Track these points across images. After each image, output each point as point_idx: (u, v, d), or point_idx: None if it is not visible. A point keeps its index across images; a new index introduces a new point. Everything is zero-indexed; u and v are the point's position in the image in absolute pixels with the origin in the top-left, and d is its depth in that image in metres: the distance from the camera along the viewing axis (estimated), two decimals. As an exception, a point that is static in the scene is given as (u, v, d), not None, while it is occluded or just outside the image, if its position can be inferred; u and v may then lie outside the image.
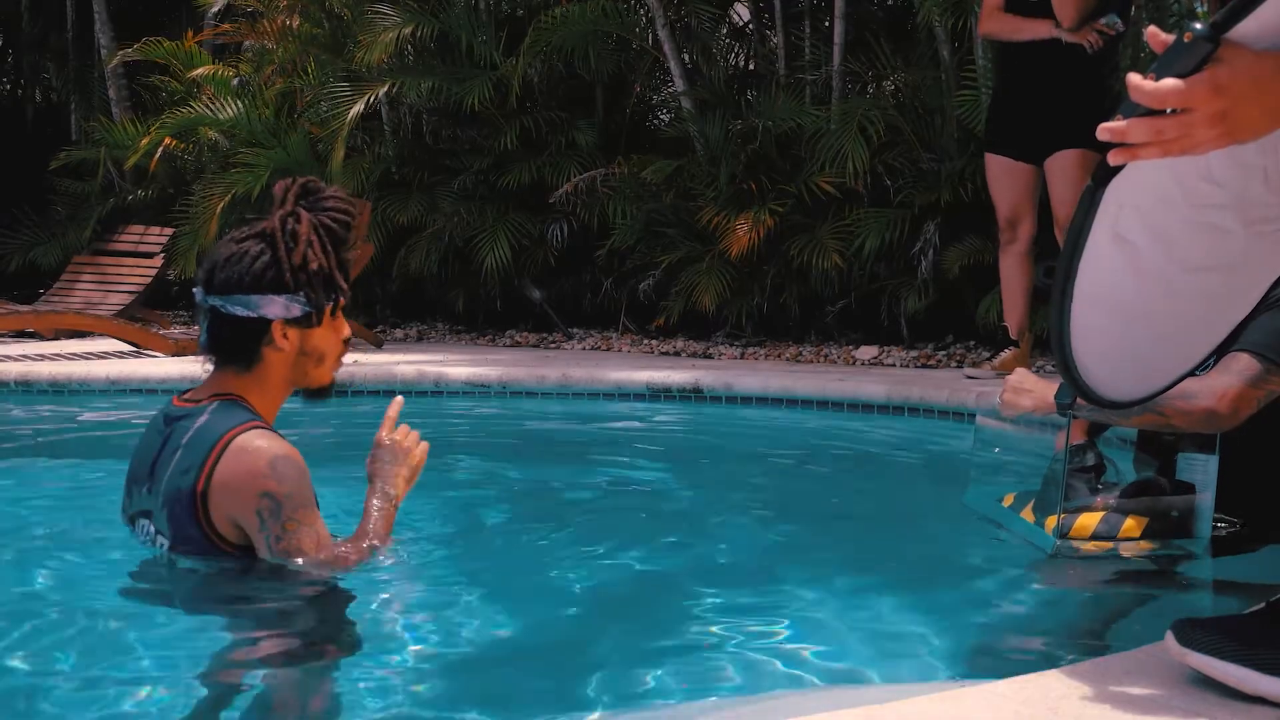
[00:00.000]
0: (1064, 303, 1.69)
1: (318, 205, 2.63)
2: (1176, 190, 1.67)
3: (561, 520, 3.50)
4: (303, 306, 2.59)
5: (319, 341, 2.65)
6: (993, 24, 5.89)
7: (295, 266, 2.56)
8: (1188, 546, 2.77)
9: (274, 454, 2.51)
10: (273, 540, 2.49)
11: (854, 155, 7.23)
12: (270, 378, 2.66)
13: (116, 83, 11.42)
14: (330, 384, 2.74)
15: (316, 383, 2.71)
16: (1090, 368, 1.78)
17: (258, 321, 2.59)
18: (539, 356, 7.63)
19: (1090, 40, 5.56)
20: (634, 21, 8.89)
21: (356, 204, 2.70)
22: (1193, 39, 1.42)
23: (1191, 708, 1.66)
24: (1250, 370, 2.43)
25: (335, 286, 2.61)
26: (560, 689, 2.13)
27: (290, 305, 2.59)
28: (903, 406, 5.57)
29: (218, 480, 2.50)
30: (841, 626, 2.46)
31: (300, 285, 2.57)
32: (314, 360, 2.67)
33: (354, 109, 8.44)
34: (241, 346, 2.62)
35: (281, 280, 2.56)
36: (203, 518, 2.52)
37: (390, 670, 2.20)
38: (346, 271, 2.66)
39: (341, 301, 2.68)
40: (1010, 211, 5.93)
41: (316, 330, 2.64)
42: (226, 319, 2.60)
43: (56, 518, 3.30)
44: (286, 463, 2.51)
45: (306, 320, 2.61)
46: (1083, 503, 2.84)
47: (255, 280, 2.56)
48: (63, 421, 5.72)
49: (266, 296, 2.57)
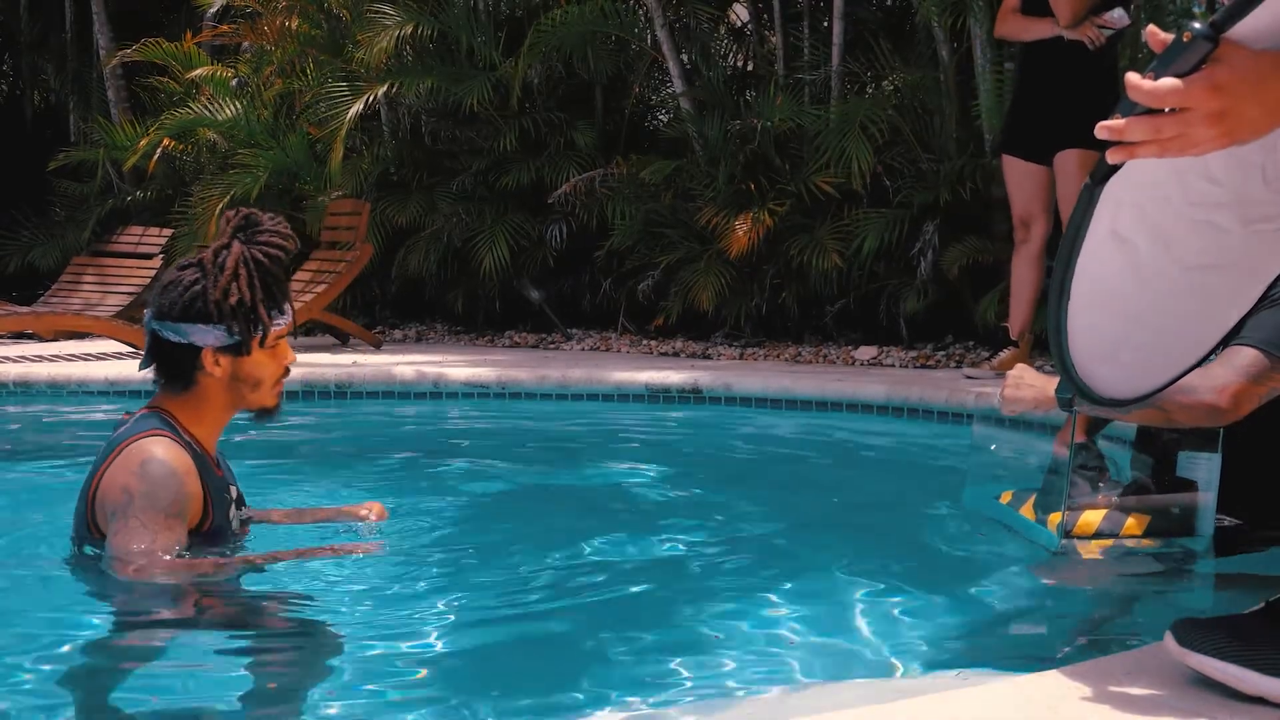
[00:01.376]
0: (1062, 301, 1.69)
1: (253, 238, 2.67)
2: (1175, 189, 1.67)
3: (560, 520, 3.50)
4: (231, 337, 2.64)
5: (252, 369, 2.70)
6: (1004, 26, 5.95)
7: (218, 300, 2.61)
8: (1190, 545, 2.77)
9: (151, 457, 2.56)
10: (111, 534, 2.53)
11: (858, 156, 7.23)
12: (205, 400, 2.71)
13: (115, 84, 11.42)
14: (274, 407, 2.78)
15: (256, 405, 2.76)
16: (1088, 366, 1.78)
17: (189, 348, 2.65)
18: (538, 357, 7.63)
19: (1090, 35, 5.57)
20: (633, 22, 8.89)
21: (293, 237, 2.73)
22: (1191, 38, 1.42)
23: (1191, 708, 1.66)
24: (1255, 365, 2.42)
25: (256, 318, 2.64)
26: (559, 688, 2.12)
27: (220, 335, 2.63)
28: (902, 407, 5.57)
29: (104, 482, 2.58)
30: (841, 626, 2.46)
31: (224, 317, 2.62)
32: (249, 386, 2.71)
33: (353, 109, 8.44)
34: (177, 370, 2.69)
35: (206, 311, 2.62)
36: (90, 519, 2.60)
37: (389, 669, 2.20)
38: (278, 301, 2.69)
39: (283, 329, 2.71)
40: (1023, 211, 5.96)
41: (249, 358, 2.68)
42: (162, 343, 2.67)
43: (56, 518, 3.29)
44: (161, 467, 2.55)
45: (237, 349, 2.66)
46: (1085, 500, 2.84)
47: (185, 309, 2.63)
48: (62, 422, 5.72)
49: (195, 325, 2.63)
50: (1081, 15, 5.60)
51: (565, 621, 2.53)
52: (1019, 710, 1.68)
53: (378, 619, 2.48)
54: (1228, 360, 2.43)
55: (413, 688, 2.13)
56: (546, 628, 2.47)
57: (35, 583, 2.71)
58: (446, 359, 7.23)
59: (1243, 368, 2.42)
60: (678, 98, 8.49)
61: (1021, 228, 6.00)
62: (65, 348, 8.07)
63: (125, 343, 7.83)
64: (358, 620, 2.47)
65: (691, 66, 8.59)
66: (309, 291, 8.10)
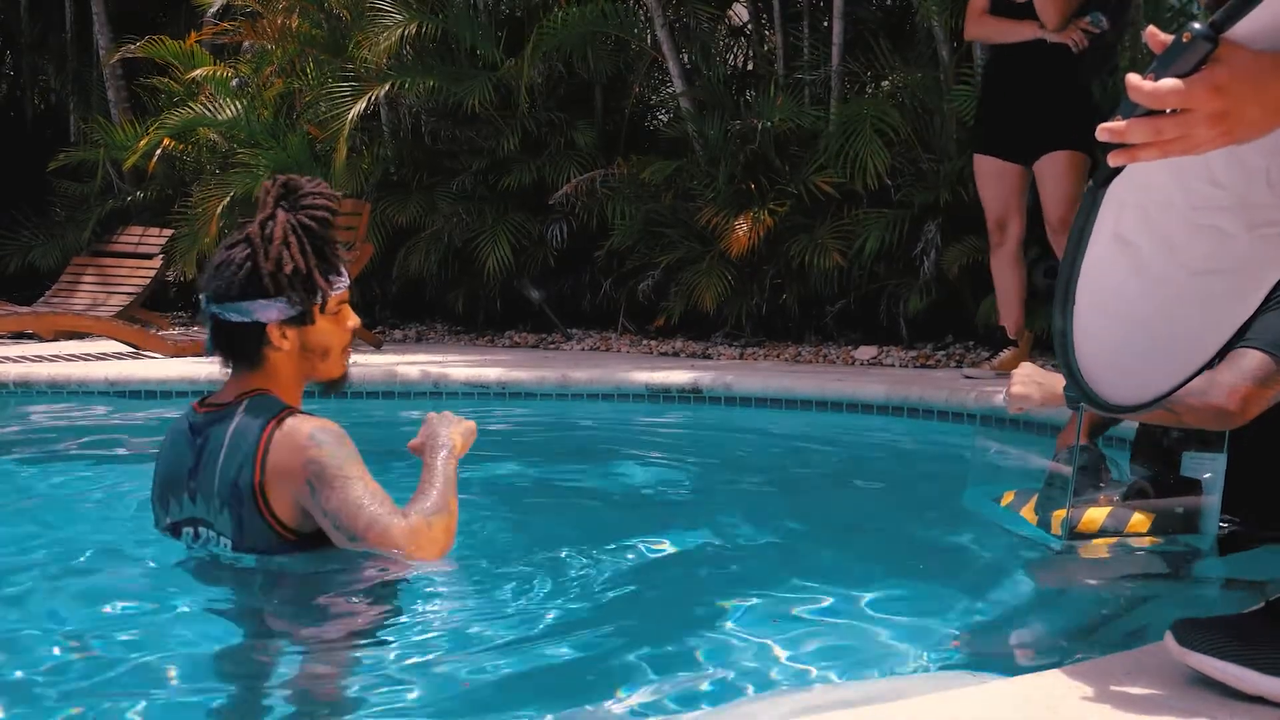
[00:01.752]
0: (1067, 305, 1.69)
1: (296, 204, 2.65)
2: (1178, 192, 1.67)
3: (560, 521, 3.50)
4: (294, 307, 2.63)
5: (320, 337, 2.69)
6: (979, 27, 5.94)
7: (272, 271, 2.60)
8: (1194, 544, 2.76)
9: (311, 427, 2.58)
10: (324, 503, 2.53)
11: (872, 157, 7.22)
12: (280, 375, 2.70)
13: (115, 84, 11.42)
14: (342, 376, 2.78)
15: (326, 376, 2.76)
16: (1093, 370, 1.78)
17: (254, 326, 2.64)
18: (538, 357, 7.63)
19: (1074, 39, 5.60)
20: (633, 22, 8.89)
21: (337, 197, 2.73)
22: (1192, 39, 1.42)
23: (1191, 708, 1.66)
24: (1263, 369, 2.42)
25: (314, 285, 2.63)
26: (557, 688, 2.13)
27: (282, 307, 2.63)
28: (902, 407, 5.57)
29: (271, 469, 2.56)
30: (841, 625, 2.46)
31: (281, 289, 2.61)
32: (319, 355, 2.71)
33: (355, 108, 8.44)
34: (244, 350, 2.67)
35: (262, 285, 2.60)
36: (265, 510, 2.57)
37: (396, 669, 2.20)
38: (333, 264, 2.68)
39: (343, 295, 2.71)
40: (999, 212, 5.97)
41: (315, 326, 2.68)
42: (225, 325, 2.65)
43: (56, 518, 3.30)
44: (323, 431, 2.58)
45: (301, 319, 2.65)
46: (1088, 498, 2.84)
47: (242, 288, 2.61)
48: (61, 423, 5.72)
49: (256, 302, 2.61)
50: (1068, 19, 5.62)
51: (564, 621, 2.53)
52: (1019, 710, 1.68)
53: (381, 618, 2.48)
54: (1235, 363, 2.43)
55: (412, 687, 2.13)
56: (545, 627, 2.47)
57: (35, 582, 2.71)
58: (447, 359, 7.24)
59: (1250, 371, 2.42)
60: (677, 97, 8.49)
61: (997, 230, 6.00)
62: (65, 348, 8.07)
63: (125, 343, 7.84)
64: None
65: (691, 66, 8.59)
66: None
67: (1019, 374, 2.90)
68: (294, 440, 2.56)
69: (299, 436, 2.56)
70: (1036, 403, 2.85)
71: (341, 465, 2.55)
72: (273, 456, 2.56)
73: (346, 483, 2.54)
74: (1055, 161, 5.73)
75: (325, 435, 2.57)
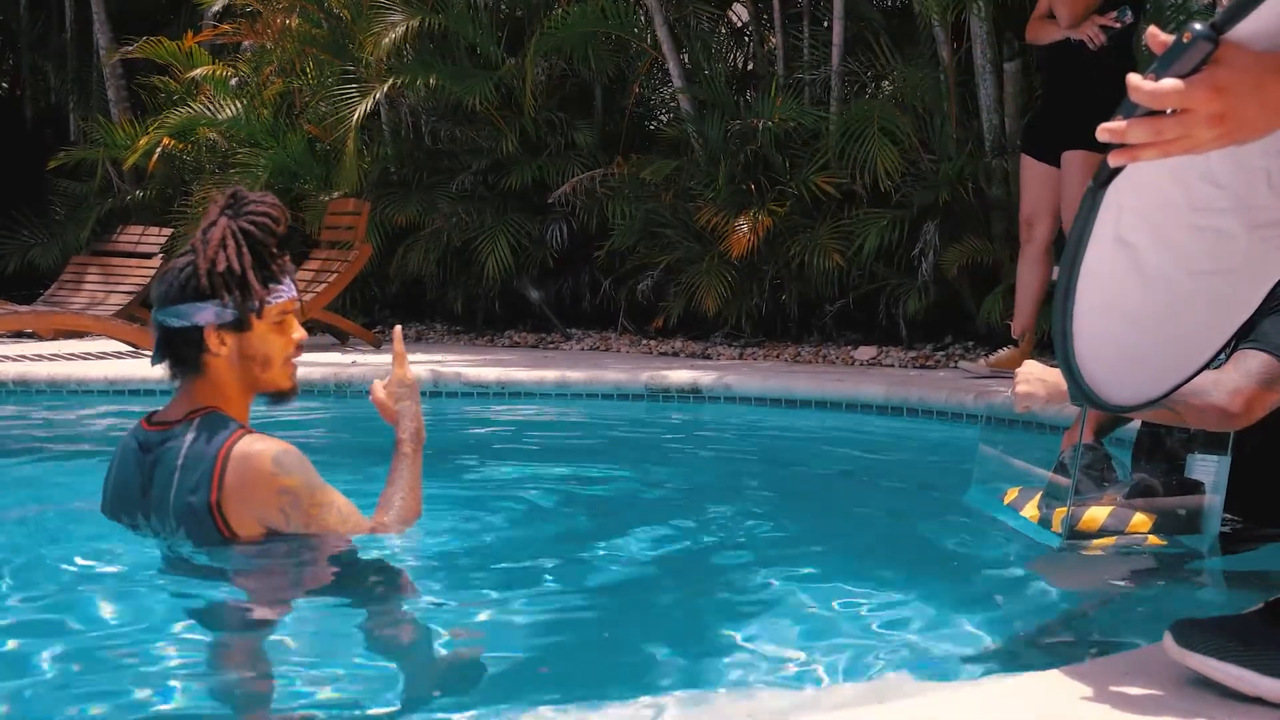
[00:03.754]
0: (1067, 305, 1.69)
1: (240, 212, 2.66)
2: (1179, 193, 1.67)
3: (559, 521, 3.50)
4: (230, 310, 2.61)
5: (258, 344, 2.67)
6: (1030, 30, 6.05)
7: (207, 270, 2.59)
8: (1195, 544, 2.76)
9: (274, 452, 2.58)
10: (302, 527, 2.59)
11: (883, 158, 7.22)
12: (223, 386, 2.68)
13: (115, 83, 11.42)
14: (289, 389, 2.75)
15: (271, 387, 2.73)
16: (1095, 372, 1.78)
17: (192, 330, 2.63)
18: (538, 357, 7.63)
19: (1089, 34, 5.60)
20: (633, 22, 8.89)
21: (283, 209, 2.71)
22: (1192, 39, 1.42)
23: (1191, 708, 1.66)
24: (1267, 370, 2.41)
25: (248, 287, 2.61)
26: (556, 687, 2.13)
27: (218, 310, 2.62)
28: (901, 407, 5.57)
29: (229, 489, 2.56)
30: (841, 626, 2.46)
31: (216, 289, 2.60)
32: (259, 364, 2.68)
33: (359, 110, 8.43)
34: (184, 356, 2.67)
35: (199, 286, 2.60)
36: (224, 527, 2.58)
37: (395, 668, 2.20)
38: (274, 272, 2.67)
39: (286, 305, 2.68)
40: (1029, 211, 6.03)
41: (252, 333, 2.65)
42: (167, 331, 2.66)
43: (55, 518, 3.29)
44: (285, 455, 2.59)
45: (238, 324, 2.64)
46: (1091, 497, 2.83)
47: (181, 290, 2.62)
48: (61, 422, 5.72)
49: (193, 304, 2.61)
50: (1081, 16, 5.63)
51: (562, 620, 2.53)
52: (1019, 710, 1.68)
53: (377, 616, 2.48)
54: (1239, 365, 2.42)
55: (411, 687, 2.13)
56: (544, 626, 2.47)
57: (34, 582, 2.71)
58: (446, 359, 7.24)
59: (1255, 373, 2.42)
60: (677, 96, 8.48)
61: (1025, 228, 6.06)
62: (65, 347, 8.07)
63: (125, 342, 7.84)
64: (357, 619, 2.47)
65: (692, 66, 8.59)
66: (309, 291, 8.11)
67: (1023, 373, 2.88)
68: (257, 466, 2.56)
69: (262, 463, 2.56)
70: (1043, 401, 2.83)
71: (313, 492, 2.60)
72: (230, 478, 2.56)
73: (321, 510, 2.60)
74: (1071, 160, 5.76)
75: (289, 460, 2.59)
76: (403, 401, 2.83)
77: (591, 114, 9.08)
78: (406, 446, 2.80)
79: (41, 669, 2.17)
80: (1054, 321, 1.72)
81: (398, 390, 2.84)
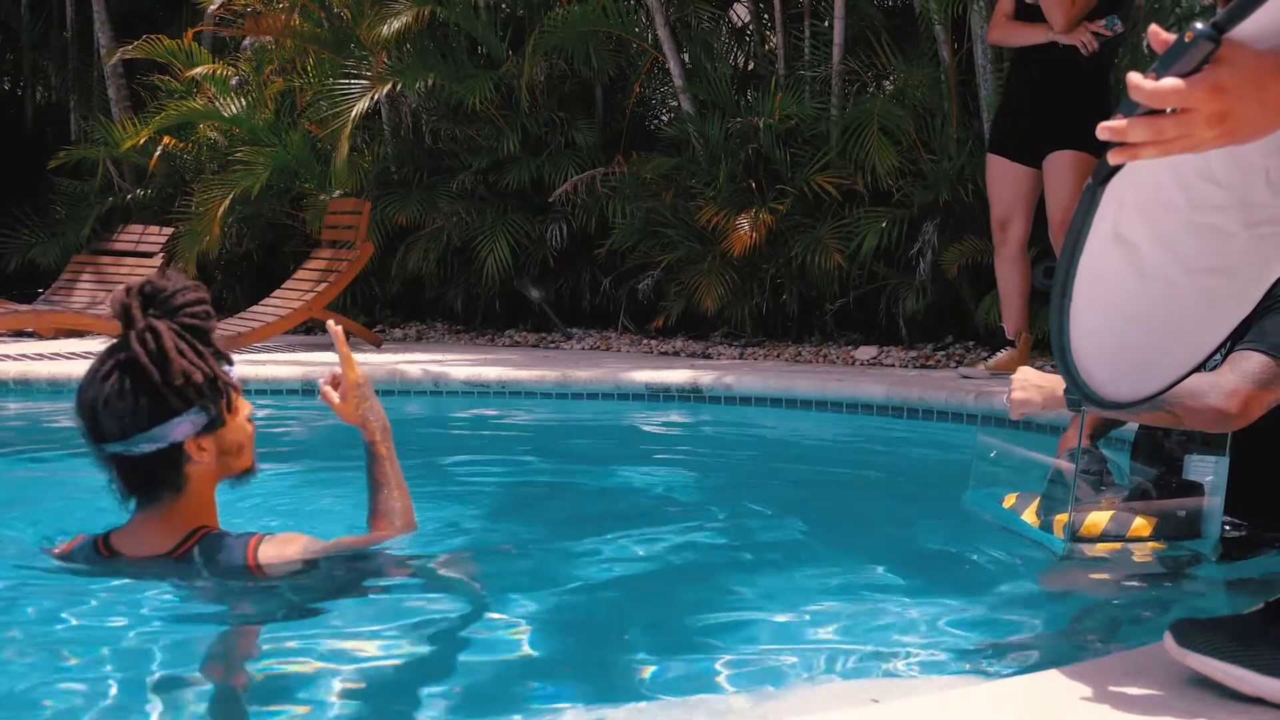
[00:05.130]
0: (1064, 303, 1.69)
1: (169, 309, 2.48)
2: (1177, 191, 1.66)
3: (559, 520, 3.51)
4: (206, 414, 2.49)
5: (232, 434, 2.56)
6: (997, 32, 6.03)
7: (179, 387, 2.44)
8: (1197, 548, 2.75)
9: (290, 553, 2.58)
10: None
11: (882, 156, 7.22)
12: (200, 492, 2.57)
13: (116, 82, 11.42)
14: (253, 465, 2.65)
15: (242, 469, 2.63)
16: (1091, 368, 1.78)
17: (170, 449, 2.48)
18: (538, 356, 7.63)
19: (1083, 41, 5.60)
20: (634, 21, 8.89)
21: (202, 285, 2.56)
22: (1194, 38, 1.42)
23: (1191, 708, 1.66)
24: (1265, 371, 2.41)
25: (219, 385, 2.50)
26: (555, 686, 2.13)
27: (195, 419, 2.48)
28: (902, 407, 5.57)
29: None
30: (841, 626, 2.46)
31: (191, 401, 2.46)
32: (234, 453, 2.58)
33: (357, 106, 8.42)
34: (165, 478, 2.52)
35: (171, 405, 2.44)
36: None
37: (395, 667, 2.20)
38: (224, 355, 2.55)
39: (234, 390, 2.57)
40: (1003, 212, 5.98)
41: (225, 427, 2.54)
42: (137, 460, 2.48)
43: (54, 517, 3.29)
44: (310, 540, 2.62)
45: (212, 425, 2.51)
46: (1090, 502, 2.83)
47: (148, 415, 2.44)
48: (61, 421, 5.72)
49: (168, 424, 2.45)
50: (1075, 21, 5.63)
51: (563, 620, 2.53)
52: (1019, 710, 1.68)
53: (377, 616, 2.48)
54: (1237, 365, 2.42)
55: (410, 686, 2.13)
56: (543, 627, 2.47)
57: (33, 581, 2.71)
58: (447, 358, 7.24)
59: (1252, 373, 2.41)
60: (678, 94, 8.48)
61: (999, 229, 6.02)
62: (65, 346, 8.07)
63: (125, 341, 7.82)
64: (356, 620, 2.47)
65: (692, 65, 8.59)
66: (310, 291, 8.11)
67: (1018, 379, 2.87)
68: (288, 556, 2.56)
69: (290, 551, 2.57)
70: (1038, 407, 2.83)
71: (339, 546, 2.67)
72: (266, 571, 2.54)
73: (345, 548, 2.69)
74: (1060, 161, 5.74)
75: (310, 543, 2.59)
76: (364, 404, 2.75)
77: (592, 113, 9.08)
78: (381, 448, 2.74)
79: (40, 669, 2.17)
80: (1051, 318, 1.72)
81: (356, 394, 2.74)
